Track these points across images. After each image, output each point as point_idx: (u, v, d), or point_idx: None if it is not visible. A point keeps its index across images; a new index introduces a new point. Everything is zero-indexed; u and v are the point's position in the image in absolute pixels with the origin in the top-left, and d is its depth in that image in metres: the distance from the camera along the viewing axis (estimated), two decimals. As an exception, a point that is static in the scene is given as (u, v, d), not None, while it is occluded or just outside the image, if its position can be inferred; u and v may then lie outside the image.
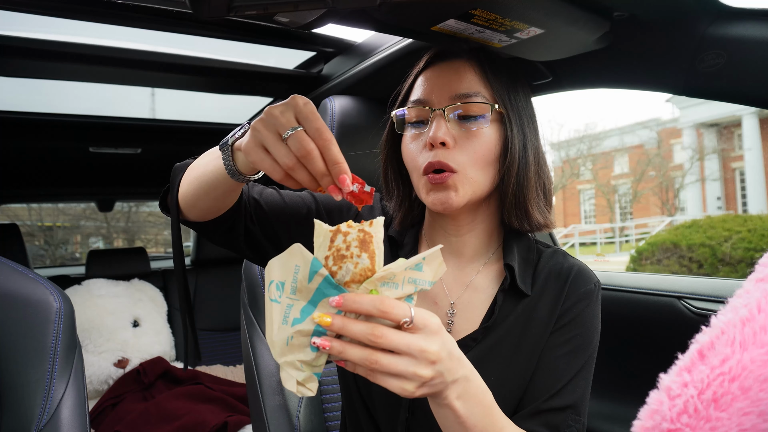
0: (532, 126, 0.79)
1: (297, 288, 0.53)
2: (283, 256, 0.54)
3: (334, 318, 0.50)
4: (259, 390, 1.01)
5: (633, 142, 21.73)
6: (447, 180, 0.72)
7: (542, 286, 0.79)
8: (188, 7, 0.61)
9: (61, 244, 9.97)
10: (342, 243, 0.51)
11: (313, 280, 0.52)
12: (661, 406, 0.38)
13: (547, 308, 0.77)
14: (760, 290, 0.41)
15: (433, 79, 0.77)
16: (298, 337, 0.53)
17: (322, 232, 0.53)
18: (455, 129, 0.74)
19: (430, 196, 0.75)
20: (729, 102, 0.88)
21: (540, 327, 0.76)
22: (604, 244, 18.68)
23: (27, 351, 0.81)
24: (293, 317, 0.53)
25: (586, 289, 0.78)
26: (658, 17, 0.84)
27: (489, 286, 0.80)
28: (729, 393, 0.37)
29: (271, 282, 0.54)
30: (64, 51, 1.27)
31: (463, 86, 0.75)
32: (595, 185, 22.19)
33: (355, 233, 0.51)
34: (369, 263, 0.51)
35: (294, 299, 0.53)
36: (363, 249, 0.51)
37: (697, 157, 18.38)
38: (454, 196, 0.73)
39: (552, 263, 0.81)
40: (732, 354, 0.38)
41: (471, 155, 0.73)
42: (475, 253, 0.82)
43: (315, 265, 0.52)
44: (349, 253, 0.51)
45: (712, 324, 0.41)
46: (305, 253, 0.52)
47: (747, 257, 6.76)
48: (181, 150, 2.33)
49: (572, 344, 0.75)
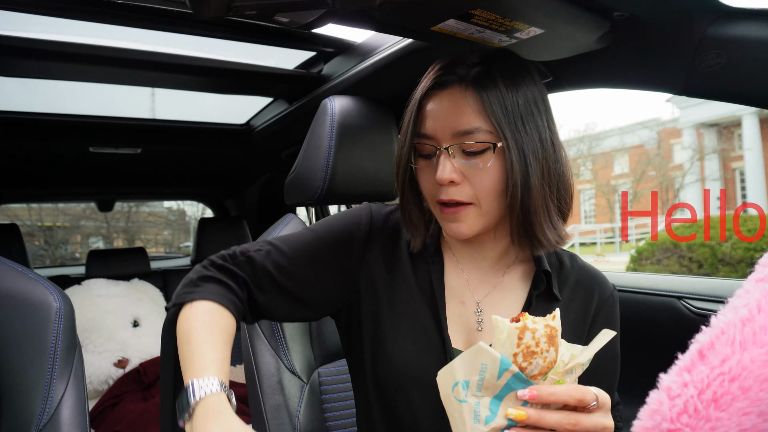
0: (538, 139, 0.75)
1: (483, 386, 0.55)
2: (466, 356, 0.56)
3: (529, 411, 0.54)
4: (259, 390, 1.01)
5: (633, 142, 21.71)
6: (460, 213, 0.75)
7: (571, 292, 0.82)
8: (188, 7, 0.61)
9: (61, 244, 9.97)
10: (531, 340, 0.53)
11: (503, 376, 0.54)
12: (661, 406, 0.38)
13: (577, 314, 0.81)
14: (760, 290, 0.41)
15: (434, 113, 0.76)
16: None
17: (506, 329, 0.54)
18: (461, 164, 0.74)
19: (444, 225, 0.79)
20: (729, 102, 0.88)
21: (571, 332, 0.78)
22: (604, 244, 18.67)
23: (27, 351, 0.81)
24: (484, 415, 0.55)
25: (613, 298, 0.84)
26: (658, 17, 0.84)
27: (518, 286, 0.83)
28: (729, 393, 0.37)
29: (456, 383, 0.56)
30: (64, 51, 1.27)
31: (463, 122, 0.73)
32: (595, 185, 22.18)
33: (542, 329, 0.53)
34: (554, 356, 0.54)
35: (480, 396, 0.55)
36: (551, 344, 0.53)
37: (697, 157, 18.37)
38: (466, 228, 0.76)
39: (576, 270, 0.85)
40: (732, 354, 0.38)
41: (480, 189, 0.74)
42: (499, 257, 0.84)
43: (504, 363, 0.53)
44: (539, 349, 0.53)
45: (712, 324, 0.41)
46: (492, 352, 0.54)
47: (747, 257, 6.76)
48: (181, 150, 2.33)
49: (614, 350, 0.81)
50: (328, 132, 1.12)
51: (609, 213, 21.65)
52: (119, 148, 2.15)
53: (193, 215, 10.74)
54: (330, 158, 1.11)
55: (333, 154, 1.11)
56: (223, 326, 0.72)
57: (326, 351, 1.12)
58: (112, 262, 2.54)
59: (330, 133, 1.11)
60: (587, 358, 0.55)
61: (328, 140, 1.11)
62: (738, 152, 18.07)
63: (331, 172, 1.11)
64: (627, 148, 21.99)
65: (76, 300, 2.19)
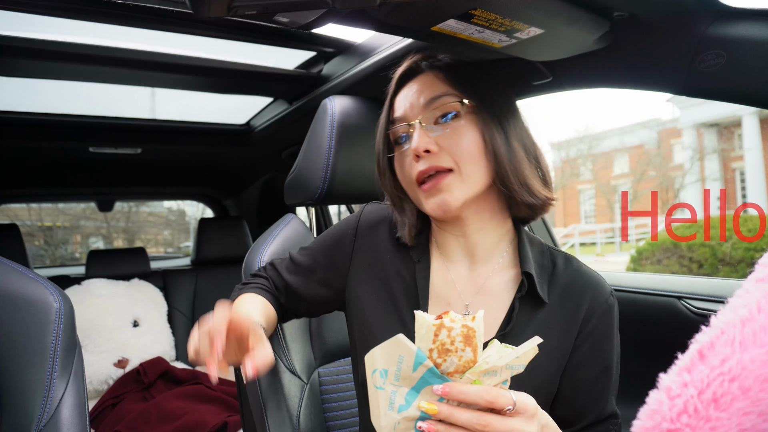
0: (511, 116, 0.79)
1: (401, 376, 0.56)
2: (387, 345, 0.57)
3: (441, 406, 0.54)
4: (259, 390, 1.01)
5: (633, 142, 21.71)
6: (441, 182, 0.74)
7: (561, 296, 0.79)
8: (188, 7, 0.61)
9: (61, 244, 9.97)
10: (446, 338, 0.54)
11: (418, 370, 0.55)
12: (661, 406, 0.38)
13: (565, 320, 0.77)
14: (760, 290, 0.41)
15: (404, 98, 0.81)
16: (405, 422, 0.56)
17: (424, 324, 0.55)
18: (436, 134, 0.76)
19: (428, 204, 0.77)
20: (729, 102, 0.88)
21: (556, 337, 0.76)
22: (604, 244, 18.67)
23: (27, 351, 0.81)
24: (399, 404, 0.56)
25: (607, 305, 0.79)
26: (658, 17, 0.84)
27: (504, 290, 0.80)
28: (729, 393, 0.37)
29: (374, 370, 0.58)
30: (64, 51, 1.27)
31: (431, 91, 0.78)
32: (595, 185, 22.18)
33: (459, 329, 0.54)
34: (472, 356, 0.54)
35: (397, 385, 0.56)
36: (467, 343, 0.53)
37: (697, 157, 18.37)
38: (450, 197, 0.74)
39: (569, 273, 0.81)
40: (732, 354, 0.38)
41: (458, 153, 0.74)
42: (486, 254, 0.82)
43: (420, 357, 0.54)
44: (453, 347, 0.54)
45: (712, 324, 0.41)
46: (409, 345, 0.55)
47: (747, 257, 6.76)
48: (181, 150, 2.33)
49: (605, 360, 0.77)
50: (328, 132, 1.12)
51: (609, 213, 21.65)
52: (119, 148, 2.15)
53: (193, 215, 10.73)
54: (330, 158, 1.11)
55: (333, 154, 1.11)
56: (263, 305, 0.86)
57: (326, 351, 1.12)
58: (112, 262, 2.54)
59: (330, 133, 1.11)
60: (505, 362, 0.54)
61: (328, 140, 1.11)
62: (738, 152, 18.07)
63: (331, 172, 1.11)
64: (627, 148, 21.99)
65: (76, 300, 2.19)
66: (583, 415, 0.76)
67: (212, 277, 2.71)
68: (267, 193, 2.96)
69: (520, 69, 1.08)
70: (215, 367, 0.62)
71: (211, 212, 3.38)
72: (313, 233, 1.25)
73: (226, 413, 1.84)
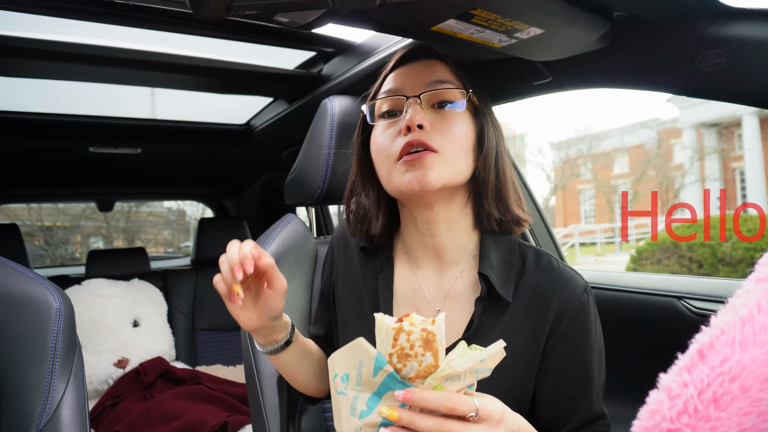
0: (500, 130, 0.80)
1: (362, 381, 0.55)
2: (346, 349, 0.56)
3: (402, 412, 0.52)
4: (259, 390, 1.01)
5: (633, 142, 21.71)
6: (425, 157, 0.70)
7: (528, 295, 0.75)
8: (188, 7, 0.61)
9: (61, 244, 9.97)
10: (405, 342, 0.52)
11: (378, 375, 0.53)
12: (661, 406, 0.38)
13: (534, 319, 0.74)
14: (760, 290, 0.41)
15: (405, 73, 0.79)
16: (367, 428, 0.55)
17: (384, 328, 0.54)
18: (431, 116, 0.74)
19: (405, 177, 0.72)
20: (729, 102, 0.88)
21: (527, 337, 0.74)
22: (604, 244, 18.67)
23: (27, 351, 0.81)
24: (360, 409, 0.55)
25: (579, 303, 0.74)
26: (658, 17, 0.84)
27: (469, 294, 0.78)
28: (729, 393, 0.37)
29: (336, 375, 0.56)
30: (64, 51, 1.27)
31: (436, 75, 0.76)
32: (595, 185, 22.17)
33: (418, 332, 0.52)
34: (433, 360, 0.52)
35: (359, 390, 0.55)
36: (426, 348, 0.52)
37: (697, 157, 18.37)
38: (432, 174, 0.70)
39: (538, 271, 0.77)
40: (732, 354, 0.38)
41: (448, 138, 0.73)
42: (454, 257, 0.79)
43: (379, 361, 0.53)
44: (413, 352, 0.52)
45: (712, 324, 0.41)
46: (369, 349, 0.54)
47: (747, 257, 6.76)
48: (181, 150, 2.33)
49: (583, 362, 0.73)
50: (328, 132, 1.12)
51: (609, 213, 21.64)
52: (119, 148, 2.15)
53: (193, 215, 10.73)
54: (330, 158, 1.11)
55: (333, 154, 1.11)
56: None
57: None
58: (112, 262, 2.54)
59: (330, 133, 1.11)
60: (468, 367, 0.52)
61: (328, 140, 1.11)
62: (738, 152, 18.06)
63: (331, 172, 1.11)
64: (627, 148, 21.98)
65: (76, 300, 2.19)
66: (565, 419, 0.74)
67: (212, 277, 2.70)
68: (267, 193, 2.96)
69: (520, 69, 1.08)
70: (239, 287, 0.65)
71: (211, 212, 3.39)
72: (313, 233, 1.25)
73: (226, 413, 1.83)
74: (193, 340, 2.58)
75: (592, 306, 0.76)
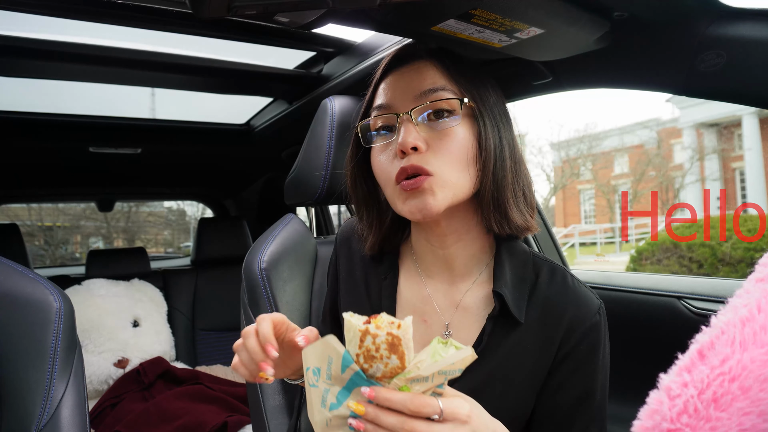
0: (506, 124, 0.74)
1: (332, 375, 0.56)
2: (318, 345, 0.57)
3: (368, 408, 0.53)
4: (259, 390, 1.01)
5: (633, 142, 21.71)
6: (422, 184, 0.67)
7: (539, 313, 0.73)
8: (188, 7, 0.61)
9: (61, 244, 9.97)
10: (371, 344, 0.53)
11: (346, 372, 0.54)
12: (661, 406, 0.38)
13: (543, 338, 0.72)
14: (760, 290, 0.41)
15: (394, 83, 0.74)
16: (336, 420, 0.56)
17: (351, 328, 0.54)
18: (426, 132, 0.69)
19: (406, 205, 0.69)
20: (729, 102, 0.88)
21: (534, 356, 0.72)
22: (604, 244, 18.67)
23: (27, 351, 0.81)
24: (330, 402, 0.56)
25: (591, 323, 0.72)
26: (658, 17, 0.84)
27: (479, 308, 0.75)
28: (729, 393, 0.37)
29: (308, 368, 0.58)
30: (64, 51, 1.27)
31: (426, 83, 0.70)
32: (595, 185, 22.18)
33: (383, 336, 0.52)
34: (399, 363, 0.53)
35: (330, 384, 0.56)
36: (392, 351, 0.52)
37: (697, 157, 18.37)
38: (432, 200, 0.67)
39: (551, 288, 0.74)
40: (732, 354, 0.38)
41: (446, 157, 0.68)
42: (465, 268, 0.77)
43: (346, 360, 0.54)
44: (378, 354, 0.53)
45: (712, 324, 0.41)
46: (338, 347, 0.55)
47: (747, 257, 6.76)
48: (181, 150, 2.33)
49: (586, 384, 0.71)
50: (328, 132, 1.12)
51: (609, 213, 21.65)
52: (119, 148, 2.15)
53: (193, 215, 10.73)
54: (330, 158, 1.11)
55: (333, 154, 1.11)
56: None
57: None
58: (112, 262, 2.54)
59: (330, 133, 1.11)
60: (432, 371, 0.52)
61: (328, 140, 1.11)
62: (738, 152, 18.06)
63: (331, 172, 1.11)
64: (627, 148, 21.99)
65: (76, 300, 2.19)
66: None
67: (212, 277, 2.71)
68: (267, 193, 2.96)
69: (520, 69, 1.08)
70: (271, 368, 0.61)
71: (211, 212, 3.39)
72: (313, 233, 1.25)
73: (226, 413, 1.83)
74: (193, 340, 2.58)
75: (603, 327, 0.73)
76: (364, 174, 0.81)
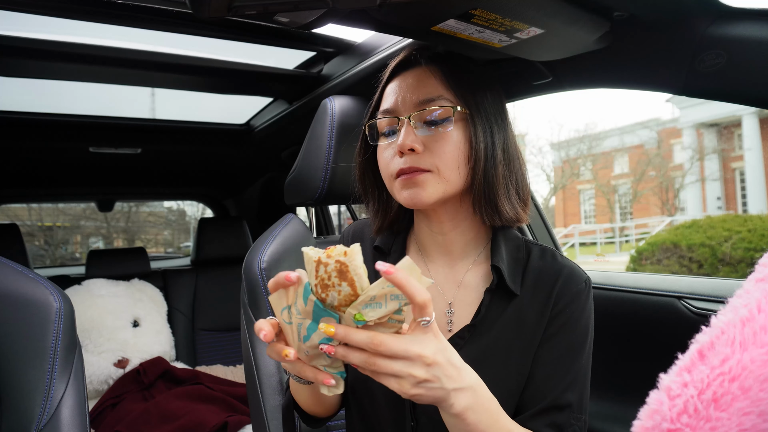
0: (501, 125, 0.80)
1: (301, 310, 0.58)
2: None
3: (338, 328, 0.55)
4: (259, 390, 1.01)
5: (633, 142, 21.74)
6: (417, 176, 0.76)
7: (532, 286, 0.80)
8: (188, 7, 0.61)
9: (61, 244, 9.97)
10: (324, 273, 0.55)
11: (308, 303, 0.57)
12: (661, 406, 0.38)
13: (537, 309, 0.78)
14: (760, 290, 0.41)
15: (398, 89, 0.81)
16: (311, 350, 0.59)
17: (309, 260, 0.56)
18: (423, 133, 0.77)
19: (401, 194, 0.78)
20: (729, 102, 0.88)
21: (530, 327, 0.77)
22: (604, 244, 18.68)
23: (27, 351, 0.81)
24: (303, 335, 0.59)
25: (577, 290, 0.79)
26: (658, 17, 0.84)
27: (479, 284, 0.82)
28: (729, 393, 0.37)
29: (282, 309, 0.60)
30: (64, 51, 1.27)
31: (425, 92, 0.78)
32: (595, 185, 22.20)
33: (333, 264, 0.54)
34: (350, 290, 0.55)
35: (301, 319, 0.59)
36: (342, 278, 0.54)
37: (697, 157, 18.38)
38: (423, 192, 0.76)
39: (542, 263, 0.82)
40: (732, 354, 0.38)
41: (440, 157, 0.76)
42: (463, 251, 0.84)
43: (306, 290, 0.57)
44: (331, 282, 0.55)
45: (712, 324, 0.41)
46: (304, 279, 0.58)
47: (747, 257, 6.76)
48: (181, 150, 2.33)
49: (568, 345, 0.76)
50: (328, 132, 1.12)
51: (609, 213, 21.67)
52: (119, 148, 2.15)
53: (193, 215, 10.74)
54: (330, 158, 1.11)
55: (333, 154, 1.11)
56: None
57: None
58: (112, 262, 2.54)
59: (330, 133, 1.11)
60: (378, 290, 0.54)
61: (328, 140, 1.11)
62: (738, 152, 18.08)
63: (331, 172, 1.11)
64: (627, 148, 22.01)
65: (76, 300, 2.20)
66: (542, 394, 0.74)
67: (212, 277, 2.71)
68: (267, 193, 2.96)
69: (520, 69, 1.08)
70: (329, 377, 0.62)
71: (211, 212, 3.39)
72: (313, 233, 1.25)
73: (226, 413, 1.84)
74: (193, 340, 2.58)
75: (589, 298, 0.80)
76: (372, 166, 0.88)
